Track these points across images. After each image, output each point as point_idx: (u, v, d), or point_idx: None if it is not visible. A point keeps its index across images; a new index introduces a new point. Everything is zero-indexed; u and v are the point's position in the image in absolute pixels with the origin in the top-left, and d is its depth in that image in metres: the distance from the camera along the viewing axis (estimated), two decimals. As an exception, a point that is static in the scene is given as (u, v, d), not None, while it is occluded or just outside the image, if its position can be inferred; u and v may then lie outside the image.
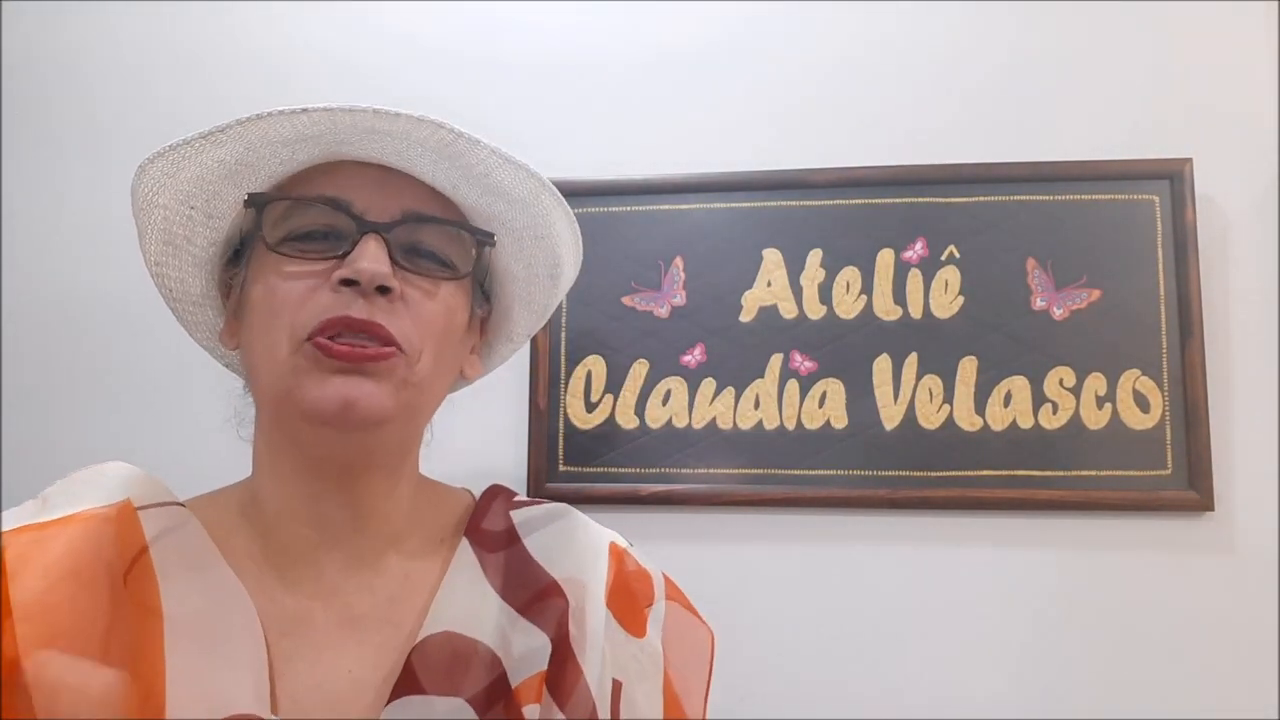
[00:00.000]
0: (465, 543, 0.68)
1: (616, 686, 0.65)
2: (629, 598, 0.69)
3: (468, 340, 0.68)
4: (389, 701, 0.58)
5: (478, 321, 0.70)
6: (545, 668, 0.62)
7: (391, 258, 0.58)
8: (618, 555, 0.71)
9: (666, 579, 0.73)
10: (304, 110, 0.57)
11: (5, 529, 0.58)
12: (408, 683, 0.59)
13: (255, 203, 0.61)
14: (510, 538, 0.69)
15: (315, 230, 0.60)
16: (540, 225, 0.66)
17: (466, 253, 0.64)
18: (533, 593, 0.66)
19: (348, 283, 0.57)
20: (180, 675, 0.54)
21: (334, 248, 0.59)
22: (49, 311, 1.12)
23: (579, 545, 0.70)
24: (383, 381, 0.58)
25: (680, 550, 1.01)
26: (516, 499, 0.73)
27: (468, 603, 0.64)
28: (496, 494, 0.73)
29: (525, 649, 0.62)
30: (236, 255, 0.65)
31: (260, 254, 0.61)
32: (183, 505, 0.63)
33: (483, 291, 0.70)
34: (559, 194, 0.65)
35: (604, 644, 0.65)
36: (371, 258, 0.57)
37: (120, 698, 0.53)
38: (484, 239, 0.65)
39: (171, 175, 0.59)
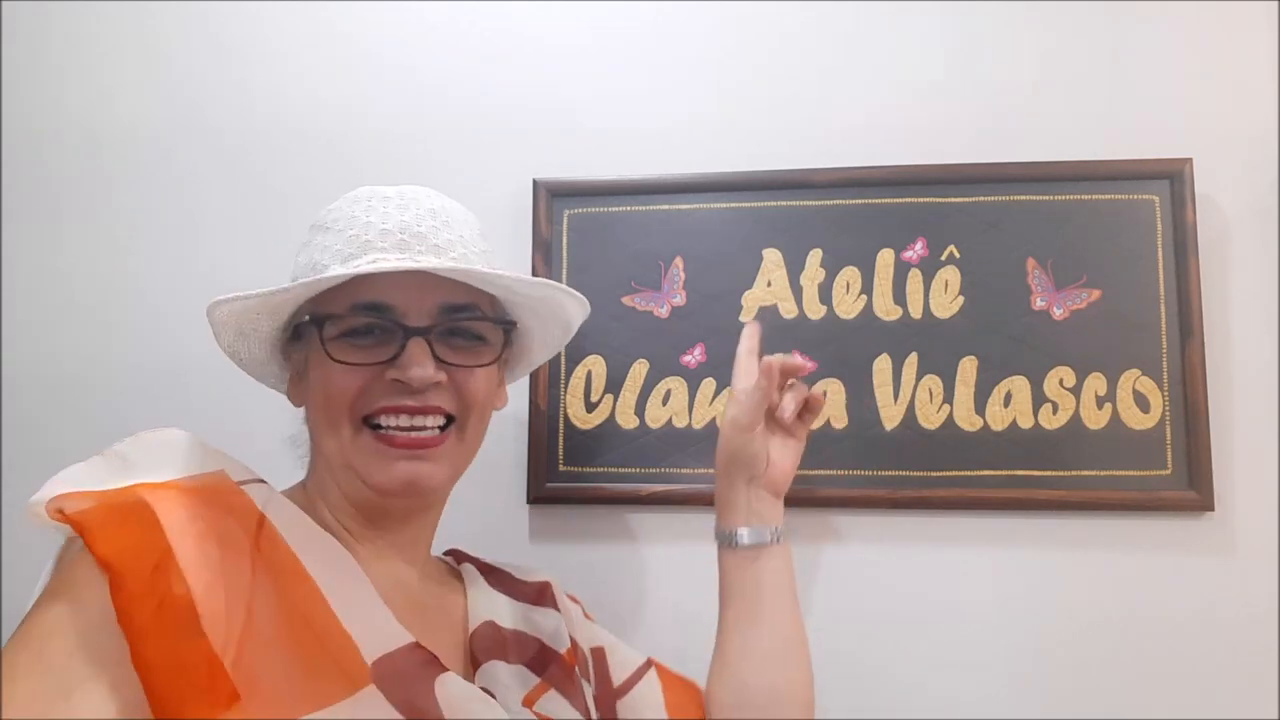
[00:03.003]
0: (468, 565, 0.82)
1: (598, 652, 0.82)
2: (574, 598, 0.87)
3: (499, 385, 0.78)
4: (475, 668, 0.70)
5: (505, 364, 0.80)
6: (569, 645, 0.77)
7: (434, 354, 0.68)
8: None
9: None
10: (351, 275, 0.65)
11: (84, 477, 0.61)
12: (474, 657, 0.70)
13: (315, 320, 0.69)
14: (487, 569, 0.83)
15: (363, 328, 0.69)
16: (554, 309, 0.78)
17: (496, 331, 0.74)
18: (530, 590, 0.82)
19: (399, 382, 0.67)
20: (360, 627, 0.60)
21: (382, 343, 0.68)
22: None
23: (527, 567, 0.86)
24: (440, 461, 0.69)
25: (680, 550, 1.01)
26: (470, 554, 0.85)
27: (491, 604, 0.77)
28: (457, 552, 0.86)
29: (553, 627, 0.77)
30: (296, 332, 0.74)
31: (318, 349, 0.69)
32: (265, 481, 0.68)
33: (507, 338, 0.77)
34: (567, 288, 0.76)
35: (578, 623, 0.82)
36: (419, 363, 0.66)
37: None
38: (507, 327, 0.75)
39: (240, 310, 0.68)
